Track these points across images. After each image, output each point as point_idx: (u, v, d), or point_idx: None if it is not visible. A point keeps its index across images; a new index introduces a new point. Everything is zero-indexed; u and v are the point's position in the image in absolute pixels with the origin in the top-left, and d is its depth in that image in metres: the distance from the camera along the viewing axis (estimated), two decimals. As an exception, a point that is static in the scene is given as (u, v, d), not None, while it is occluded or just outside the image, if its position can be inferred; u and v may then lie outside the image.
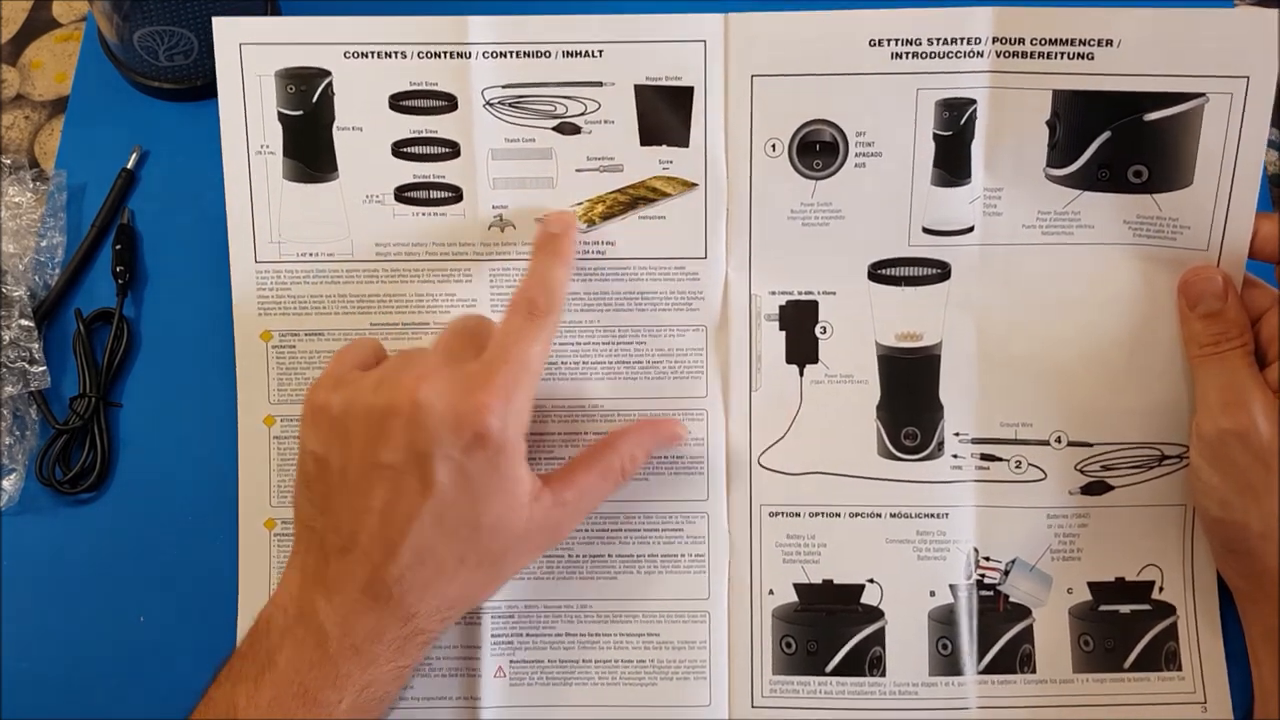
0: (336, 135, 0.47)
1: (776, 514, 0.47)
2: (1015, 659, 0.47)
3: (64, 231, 0.54)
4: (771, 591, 0.47)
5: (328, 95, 0.47)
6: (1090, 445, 0.47)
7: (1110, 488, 0.47)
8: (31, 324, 0.51)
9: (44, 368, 0.50)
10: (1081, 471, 0.47)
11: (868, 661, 0.47)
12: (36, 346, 0.50)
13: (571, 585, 0.47)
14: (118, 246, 0.53)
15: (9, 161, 0.55)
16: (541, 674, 0.46)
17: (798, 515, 0.47)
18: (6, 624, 0.47)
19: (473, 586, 0.41)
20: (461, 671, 0.46)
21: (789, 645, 0.47)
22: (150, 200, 0.54)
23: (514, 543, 0.41)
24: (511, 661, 0.46)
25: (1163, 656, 0.46)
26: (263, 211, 0.47)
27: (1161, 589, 0.47)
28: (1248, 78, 0.44)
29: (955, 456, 0.47)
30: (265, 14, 0.54)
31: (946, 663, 0.46)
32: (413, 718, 0.46)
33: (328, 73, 0.47)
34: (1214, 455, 0.43)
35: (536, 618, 0.47)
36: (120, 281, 0.52)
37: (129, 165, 0.55)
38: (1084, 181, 0.46)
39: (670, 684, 0.46)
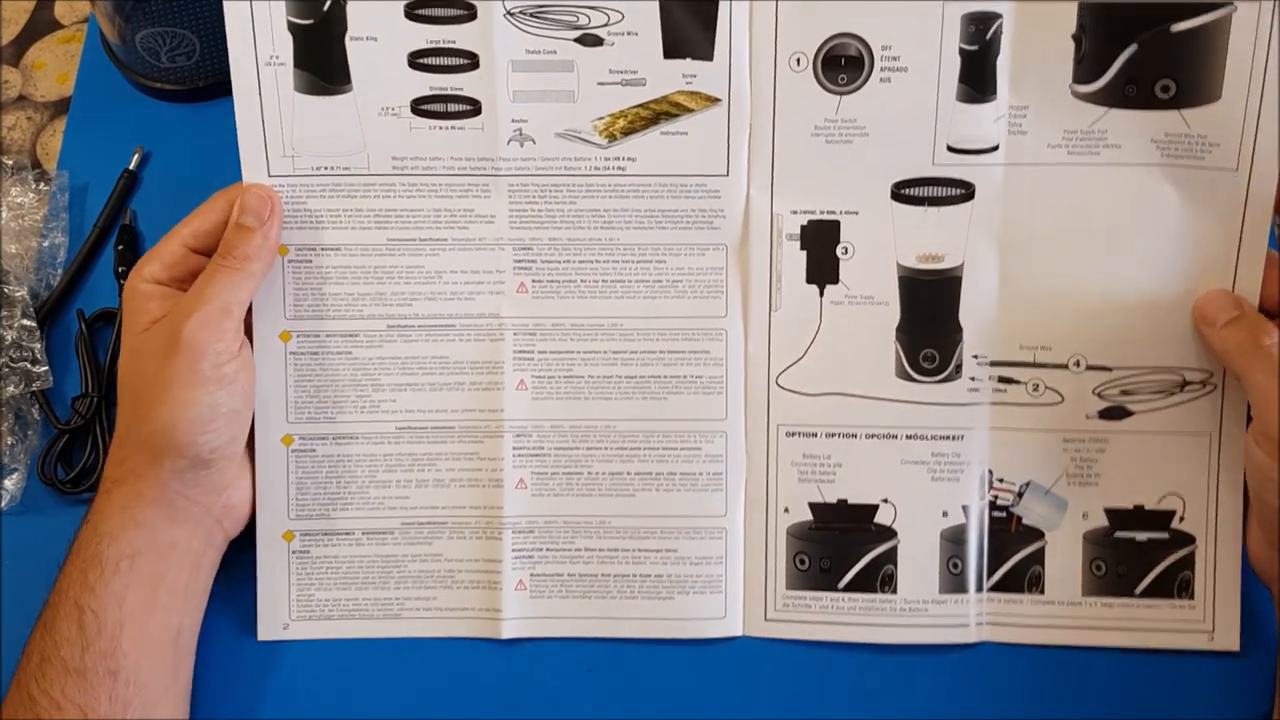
0: (350, 45, 0.46)
1: (794, 434, 0.48)
2: (1024, 579, 0.47)
3: (66, 232, 0.54)
4: (787, 509, 0.48)
5: (340, 4, 0.45)
6: (1109, 369, 0.47)
7: (1130, 413, 0.47)
8: (34, 324, 0.51)
9: (46, 367, 0.50)
10: (1100, 396, 0.47)
11: (879, 579, 0.47)
12: (39, 347, 0.51)
13: (591, 502, 0.47)
14: (120, 247, 0.53)
15: (11, 162, 0.55)
16: (561, 587, 0.47)
17: (814, 435, 0.48)
18: (7, 623, 0.47)
19: (126, 418, 0.44)
20: (483, 584, 0.47)
21: (802, 561, 0.48)
22: (152, 201, 0.55)
23: (141, 360, 0.44)
24: (532, 575, 0.47)
25: (1175, 585, 0.47)
26: (274, 124, 0.46)
27: (1182, 518, 0.47)
28: None
29: (973, 379, 0.47)
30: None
31: (956, 581, 0.47)
32: (437, 625, 0.47)
33: (341, -21, 0.45)
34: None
35: (556, 533, 0.47)
36: (123, 281, 0.52)
37: (131, 166, 0.55)
38: (1111, 98, 0.45)
39: (687, 597, 0.47)
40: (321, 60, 0.46)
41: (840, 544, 0.48)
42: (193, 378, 0.42)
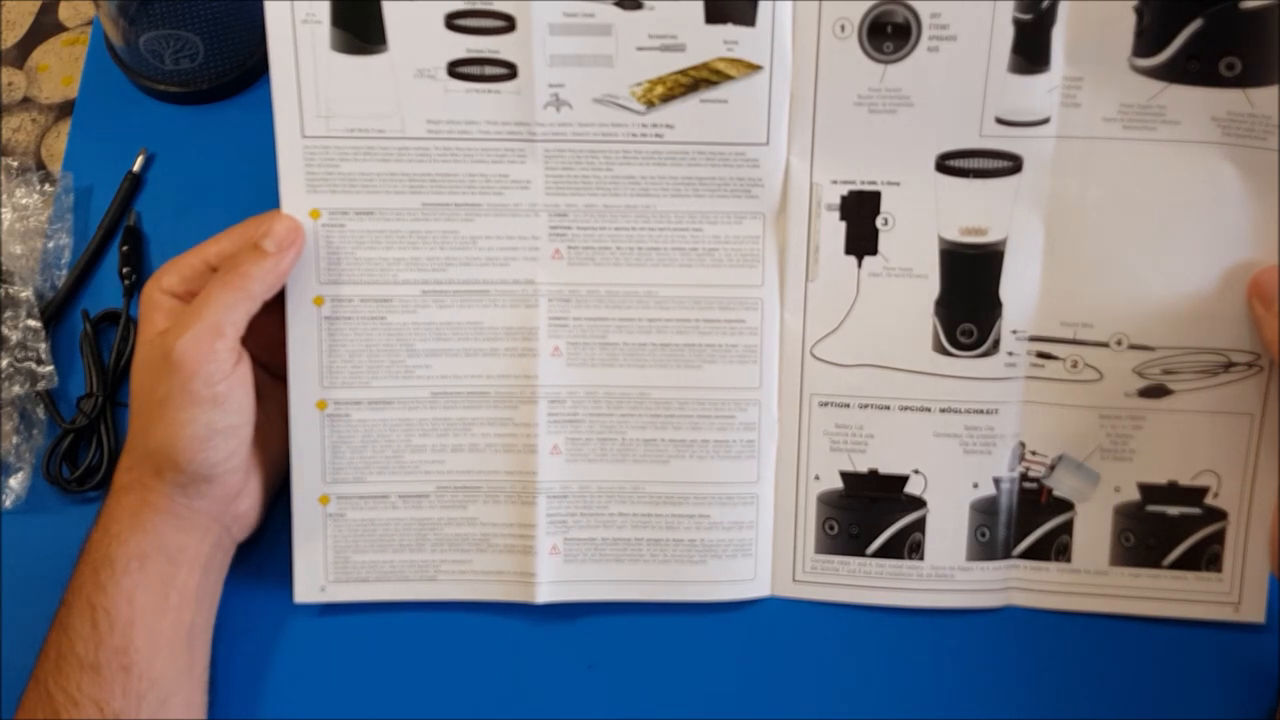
0: (386, 4, 0.45)
1: (827, 404, 0.48)
2: (1051, 548, 0.48)
3: (71, 233, 0.54)
4: (818, 477, 0.48)
5: (375, -40, 0.44)
6: (1152, 349, 0.46)
7: (1170, 392, 0.46)
8: (39, 324, 0.51)
9: (51, 367, 0.51)
10: (1140, 374, 0.46)
11: (907, 546, 0.48)
12: (44, 347, 0.51)
13: (625, 468, 0.48)
14: (124, 248, 0.53)
15: (16, 164, 0.55)
16: (595, 551, 0.48)
17: (847, 406, 0.48)
18: (15, 618, 0.48)
19: (134, 430, 0.44)
20: (517, 548, 0.48)
21: (831, 527, 0.48)
22: (156, 203, 0.55)
23: (143, 373, 0.43)
24: (566, 539, 0.48)
25: (1204, 558, 0.47)
26: (309, 84, 0.45)
27: (1216, 495, 0.47)
28: None
29: (1010, 354, 0.47)
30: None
31: (984, 549, 0.48)
32: (472, 588, 0.48)
33: (374, -65, 0.44)
34: None
35: (590, 498, 0.48)
36: (127, 282, 0.53)
37: (135, 168, 0.55)
38: (1171, 73, 0.44)
39: (718, 561, 0.48)
40: (358, 19, 0.45)
41: (869, 512, 0.48)
42: (185, 398, 0.42)
